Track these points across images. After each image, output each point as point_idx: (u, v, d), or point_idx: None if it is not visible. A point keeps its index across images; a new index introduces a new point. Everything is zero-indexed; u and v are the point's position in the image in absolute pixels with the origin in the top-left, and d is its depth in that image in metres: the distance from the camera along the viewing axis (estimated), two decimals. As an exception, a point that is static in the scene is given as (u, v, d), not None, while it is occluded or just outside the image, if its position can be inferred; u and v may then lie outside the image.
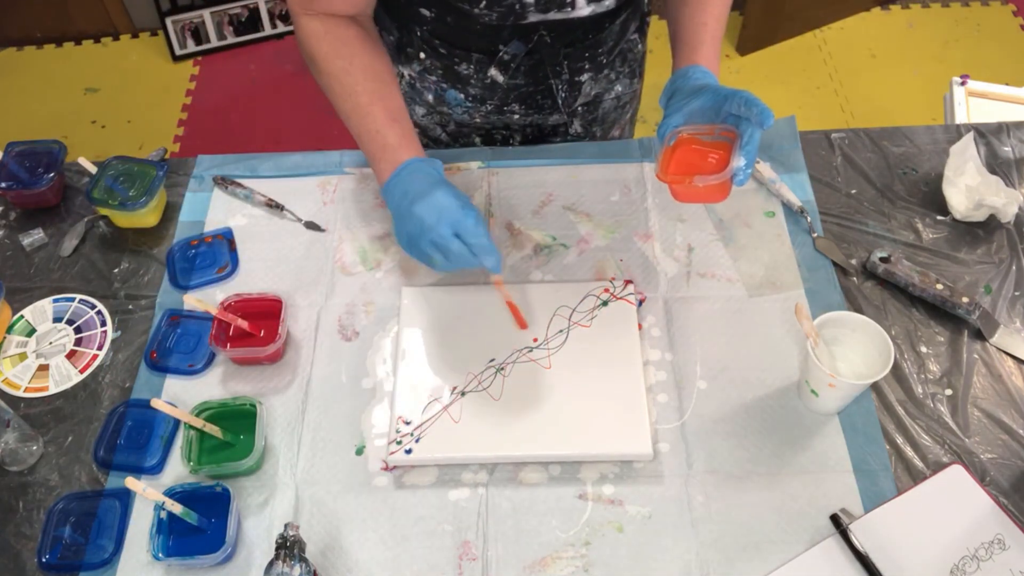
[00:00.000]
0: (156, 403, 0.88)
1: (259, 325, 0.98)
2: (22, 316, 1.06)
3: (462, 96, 1.13)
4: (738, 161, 0.84)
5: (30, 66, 2.82)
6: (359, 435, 0.93)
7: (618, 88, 1.19)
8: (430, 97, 1.15)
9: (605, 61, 1.12)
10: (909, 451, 0.90)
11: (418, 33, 1.08)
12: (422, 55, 1.10)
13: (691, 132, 0.88)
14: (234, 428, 0.92)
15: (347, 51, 0.95)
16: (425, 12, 1.02)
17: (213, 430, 0.90)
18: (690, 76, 0.92)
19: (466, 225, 0.87)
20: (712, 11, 0.96)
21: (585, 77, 1.12)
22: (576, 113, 1.18)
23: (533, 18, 0.98)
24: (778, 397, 0.94)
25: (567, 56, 1.08)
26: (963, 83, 1.63)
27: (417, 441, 0.90)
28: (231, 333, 0.98)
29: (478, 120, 1.17)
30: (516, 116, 1.16)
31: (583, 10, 0.98)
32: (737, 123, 0.85)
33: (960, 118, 1.59)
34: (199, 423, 0.89)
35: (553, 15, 0.98)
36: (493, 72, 1.08)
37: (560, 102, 1.13)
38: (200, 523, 0.84)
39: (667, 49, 0.99)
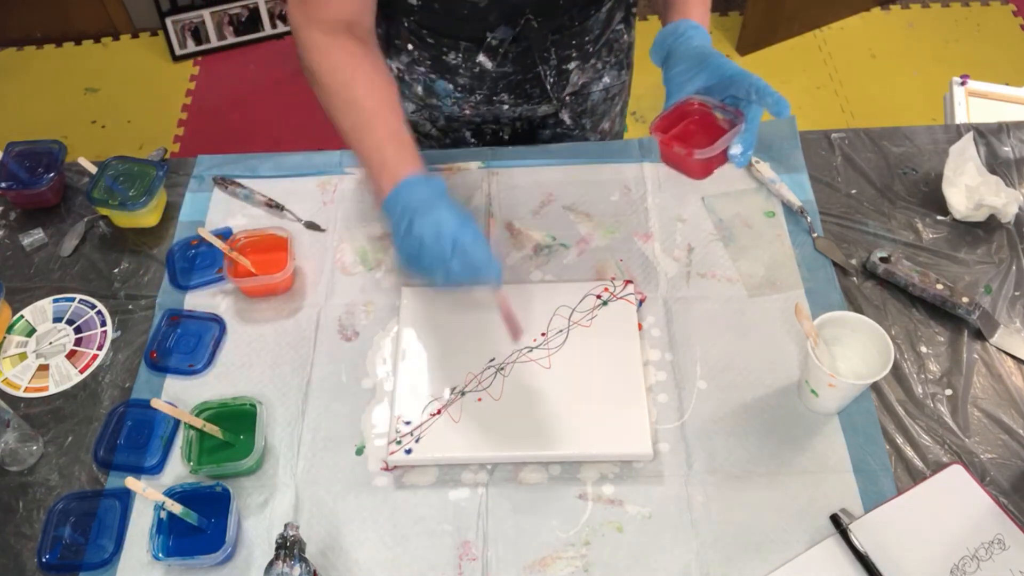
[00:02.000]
0: (156, 403, 0.88)
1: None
2: (22, 316, 1.06)
3: (451, 87, 1.13)
4: (735, 148, 0.86)
5: (30, 66, 2.82)
6: (359, 435, 0.93)
7: (606, 80, 1.20)
8: (419, 89, 1.15)
9: (592, 50, 1.13)
10: (909, 451, 0.90)
11: (405, 24, 1.07)
12: (410, 46, 1.10)
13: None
14: (234, 428, 0.92)
15: (349, 66, 0.93)
16: (412, 0, 1.02)
17: (213, 430, 0.90)
18: (684, 34, 0.92)
19: (464, 241, 0.84)
20: None
21: (572, 65, 1.13)
22: (565, 104, 1.19)
23: None
24: (778, 397, 0.94)
25: (554, 43, 1.09)
26: (963, 83, 1.63)
27: (417, 441, 0.90)
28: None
29: (468, 112, 1.17)
30: (506, 107, 1.16)
31: None
32: (737, 104, 0.86)
33: (960, 118, 1.59)
34: (199, 423, 0.89)
35: None
36: (481, 58, 1.07)
37: (548, 88, 1.14)
38: (200, 523, 0.84)
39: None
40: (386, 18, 1.09)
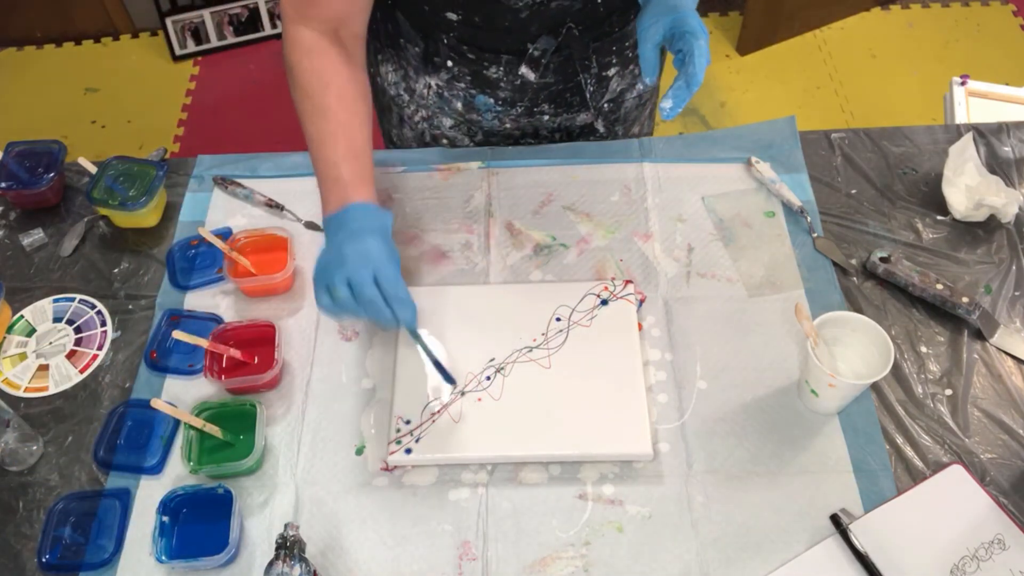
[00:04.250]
0: (156, 403, 0.88)
1: (252, 352, 0.97)
2: (22, 316, 1.06)
3: (492, 100, 1.12)
4: (666, 102, 0.88)
5: (30, 66, 2.82)
6: (359, 435, 0.93)
7: (640, 86, 1.18)
8: (459, 105, 1.14)
9: (631, 55, 1.12)
10: (909, 451, 0.90)
11: (444, 40, 1.06)
12: (449, 63, 1.09)
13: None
14: (234, 428, 0.92)
15: (328, 73, 0.92)
16: (452, 16, 1.01)
17: (213, 430, 0.90)
18: None
19: (387, 274, 0.84)
20: None
21: (612, 71, 1.12)
22: (601, 111, 1.17)
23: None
24: (778, 397, 0.94)
25: (596, 50, 1.08)
26: (963, 83, 1.63)
27: (417, 441, 0.90)
28: (224, 364, 0.97)
29: (508, 126, 1.17)
30: (546, 117, 1.15)
31: None
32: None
33: (960, 118, 1.59)
34: (199, 423, 0.89)
35: None
36: (524, 70, 1.07)
37: (588, 96, 1.13)
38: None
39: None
40: (423, 36, 1.08)
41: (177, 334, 0.94)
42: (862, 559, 0.82)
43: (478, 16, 1.00)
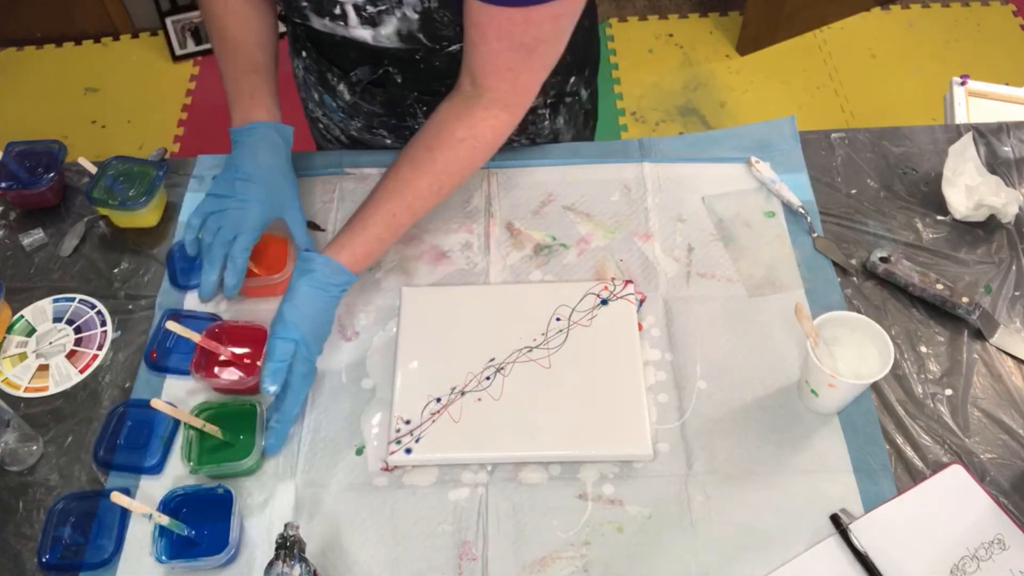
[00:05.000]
0: (156, 403, 0.88)
1: (243, 354, 0.97)
2: (22, 316, 1.06)
3: (335, 104, 1.13)
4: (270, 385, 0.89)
5: (30, 66, 2.82)
6: (359, 435, 0.93)
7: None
8: (316, 95, 1.16)
9: None
10: (909, 451, 0.90)
11: (297, 31, 1.08)
12: (303, 52, 1.11)
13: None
14: (234, 428, 0.92)
15: (233, 2, 0.99)
16: (294, 10, 1.00)
17: (213, 430, 0.90)
18: None
19: (242, 243, 0.94)
20: None
21: None
22: None
23: (316, 24, 0.96)
24: (778, 397, 0.94)
25: (422, 101, 1.07)
26: (963, 83, 1.63)
27: (417, 441, 0.90)
28: (213, 362, 0.97)
29: (355, 134, 1.17)
30: (388, 141, 1.15)
31: (357, 30, 0.93)
32: None
33: (960, 118, 1.59)
34: (199, 423, 0.89)
35: (328, 23, 0.95)
36: (341, 88, 1.09)
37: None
38: (191, 534, 0.84)
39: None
40: (290, 20, 1.08)
41: (170, 324, 0.93)
42: (862, 559, 0.82)
43: (302, 27, 1.02)
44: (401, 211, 0.94)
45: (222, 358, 0.96)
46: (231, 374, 0.96)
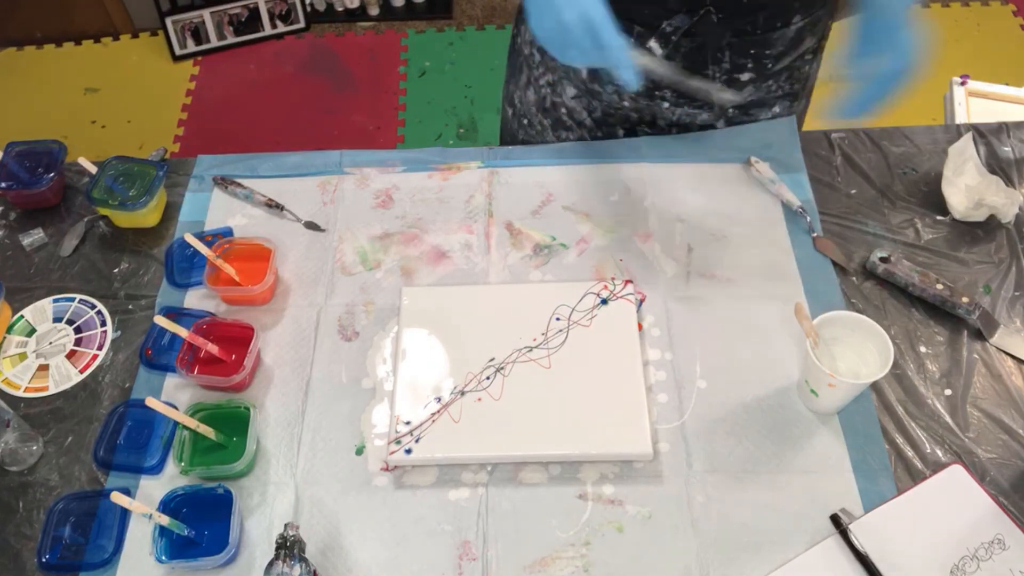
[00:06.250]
0: (151, 402, 0.88)
1: (230, 351, 0.97)
2: (22, 316, 1.06)
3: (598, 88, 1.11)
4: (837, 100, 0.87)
5: (30, 66, 2.82)
6: (359, 435, 0.93)
7: (776, 109, 1.15)
8: (584, 73, 1.13)
9: (771, 67, 1.08)
10: (909, 451, 0.90)
11: None
12: None
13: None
14: (228, 430, 0.91)
15: None
16: None
17: (206, 431, 0.90)
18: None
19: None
20: None
21: (746, 77, 1.08)
22: (726, 115, 1.14)
23: None
24: (778, 397, 0.94)
25: (730, 46, 1.05)
26: (963, 83, 1.63)
27: (417, 441, 0.90)
28: (198, 359, 0.97)
29: (627, 104, 1.14)
30: (666, 105, 1.13)
31: None
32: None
33: (960, 118, 1.59)
34: (192, 423, 0.89)
35: None
36: (652, 44, 1.04)
37: (714, 93, 1.08)
38: (191, 534, 0.84)
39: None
40: None
41: (158, 319, 0.93)
42: (862, 559, 0.82)
43: None
44: None
45: (202, 354, 0.96)
46: (215, 371, 0.96)
